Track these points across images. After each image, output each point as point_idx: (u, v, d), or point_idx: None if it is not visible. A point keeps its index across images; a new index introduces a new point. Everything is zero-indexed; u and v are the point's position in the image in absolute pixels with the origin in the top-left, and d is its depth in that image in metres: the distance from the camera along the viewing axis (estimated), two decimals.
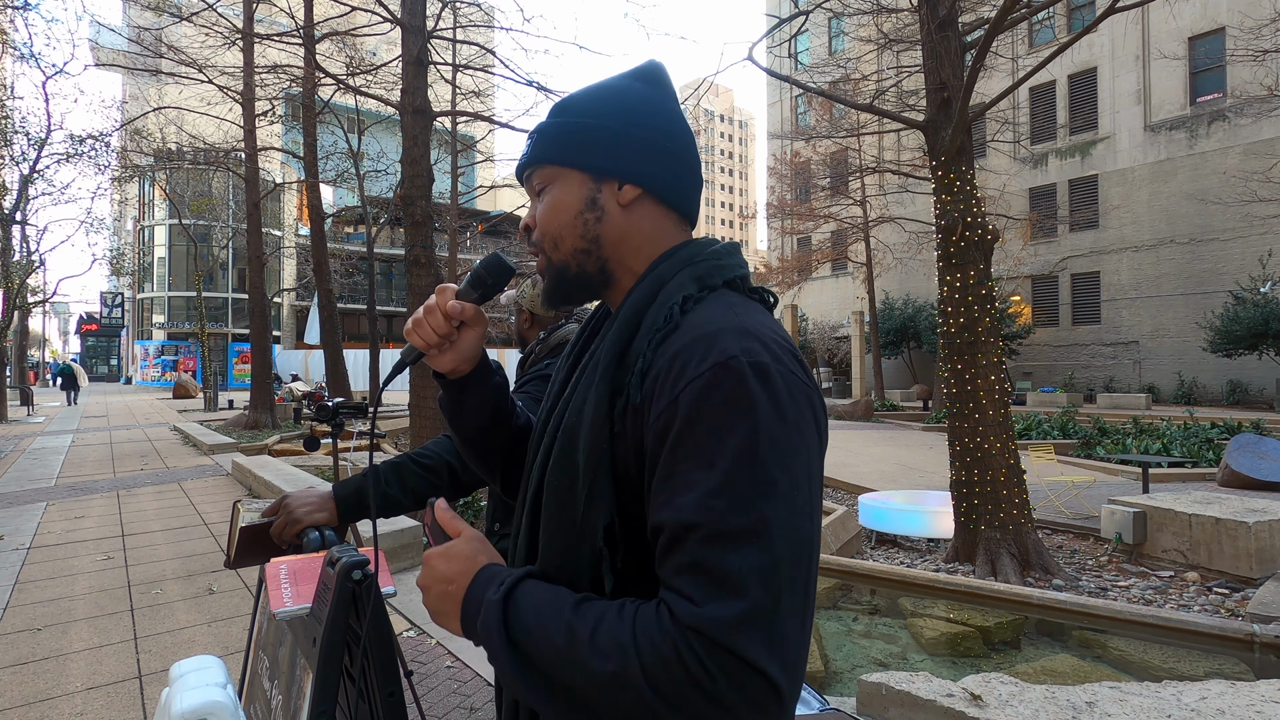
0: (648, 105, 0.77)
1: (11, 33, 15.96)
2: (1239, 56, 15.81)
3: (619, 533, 0.67)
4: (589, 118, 0.76)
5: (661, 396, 0.63)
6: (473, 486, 1.42)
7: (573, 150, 0.76)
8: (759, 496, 0.57)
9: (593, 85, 0.80)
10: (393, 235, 36.20)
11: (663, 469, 0.61)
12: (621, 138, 0.75)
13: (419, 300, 6.40)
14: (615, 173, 0.75)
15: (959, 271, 5.56)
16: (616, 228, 0.76)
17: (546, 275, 0.79)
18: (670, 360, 0.64)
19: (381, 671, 0.98)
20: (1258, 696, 2.33)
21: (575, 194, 0.76)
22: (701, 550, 0.56)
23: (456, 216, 18.72)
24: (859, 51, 18.90)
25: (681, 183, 0.77)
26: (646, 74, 0.80)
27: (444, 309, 0.79)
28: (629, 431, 0.66)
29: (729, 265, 0.74)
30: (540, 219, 0.78)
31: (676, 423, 0.61)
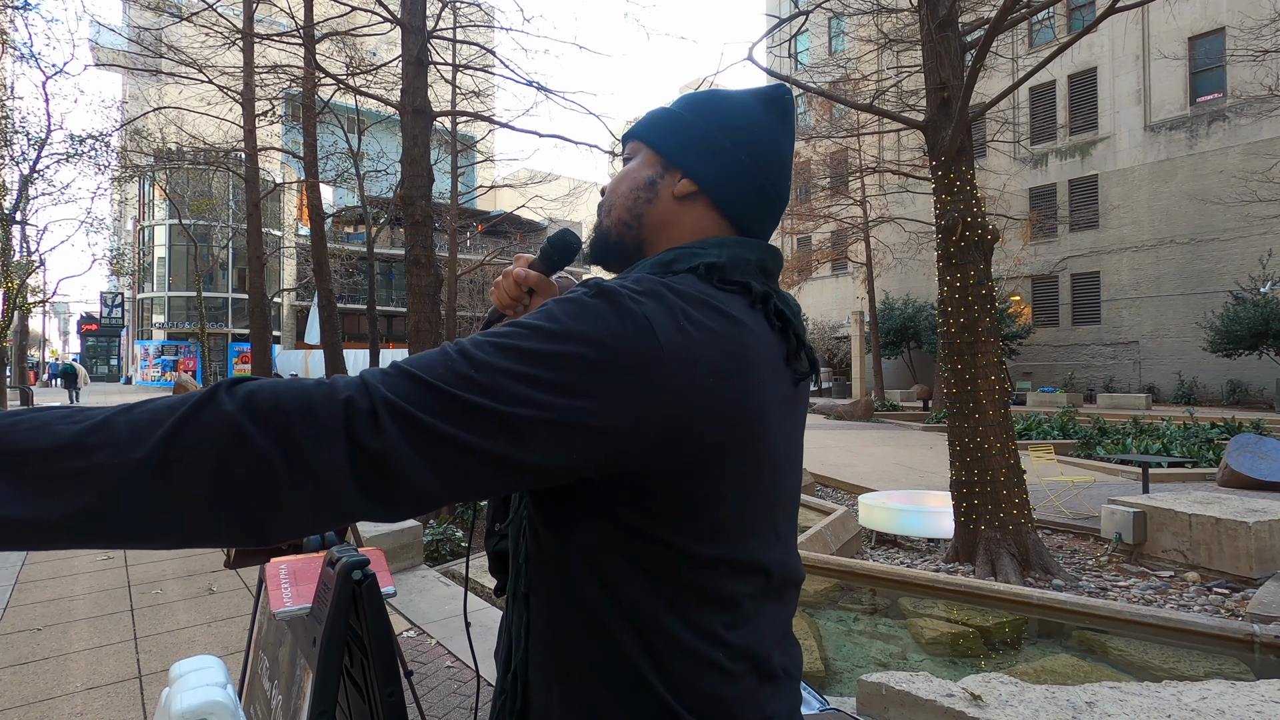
0: (747, 120, 0.80)
1: (11, 33, 15.96)
2: (1239, 56, 15.81)
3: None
4: (685, 111, 0.81)
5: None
6: None
7: (655, 132, 0.81)
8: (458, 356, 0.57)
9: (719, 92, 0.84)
10: (393, 235, 36.19)
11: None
12: (699, 135, 0.79)
13: (419, 300, 6.40)
14: (679, 163, 0.79)
15: (959, 271, 5.56)
16: (661, 213, 0.79)
17: (594, 235, 0.85)
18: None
19: (381, 671, 0.98)
20: (1258, 696, 2.33)
21: (642, 172, 0.81)
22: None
23: (456, 216, 18.71)
24: (859, 51, 18.89)
25: (744, 196, 0.78)
26: (766, 95, 0.83)
27: (514, 275, 0.85)
28: None
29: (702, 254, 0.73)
30: (611, 186, 0.84)
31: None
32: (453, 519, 5.81)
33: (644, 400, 0.59)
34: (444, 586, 4.32)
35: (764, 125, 0.80)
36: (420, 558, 4.82)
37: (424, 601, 4.06)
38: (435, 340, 6.42)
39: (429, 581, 4.42)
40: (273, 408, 0.52)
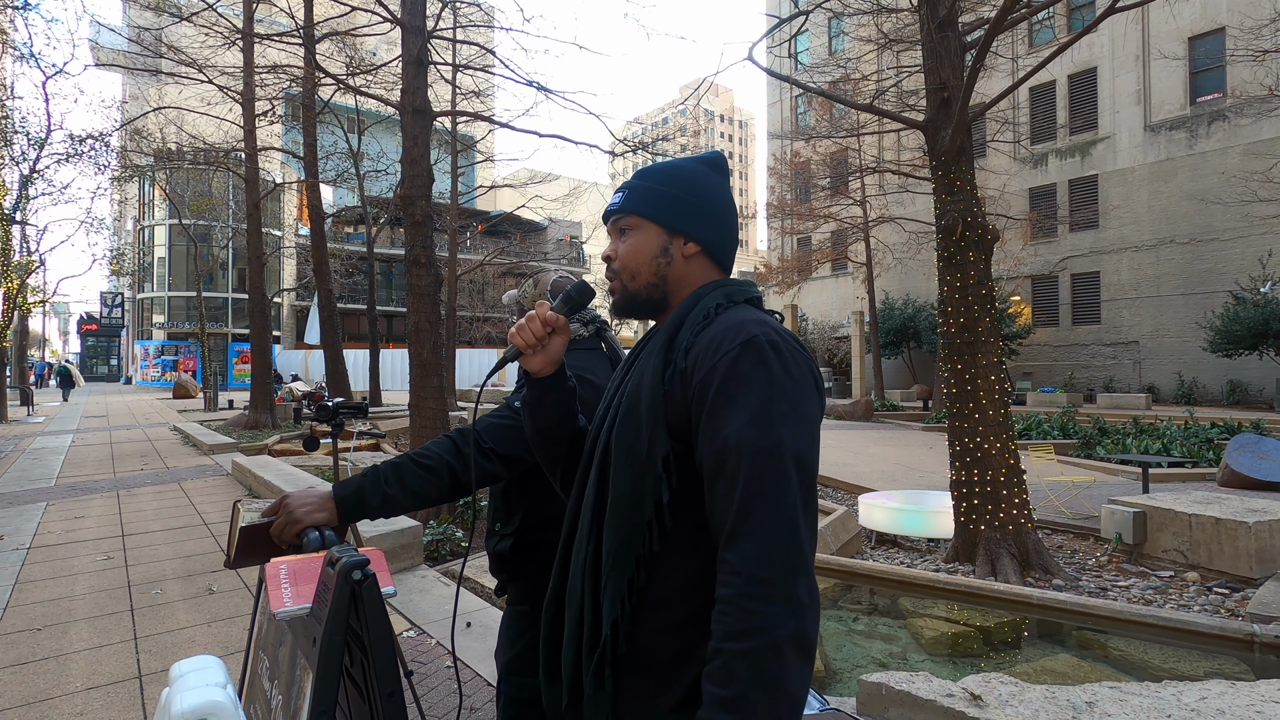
0: (711, 186, 1.06)
1: (11, 33, 15.96)
2: (1239, 56, 15.81)
3: (673, 462, 0.90)
4: (669, 187, 1.04)
5: (703, 364, 0.89)
6: (473, 487, 1.42)
7: (656, 209, 1.04)
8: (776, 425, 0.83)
9: (671, 162, 1.08)
10: (393, 235, 36.19)
11: (708, 414, 0.87)
12: (690, 207, 1.03)
13: (419, 300, 6.39)
14: (683, 232, 1.03)
15: (959, 271, 5.56)
16: (678, 271, 1.04)
17: (619, 295, 1.06)
18: (709, 340, 0.91)
19: (381, 672, 0.98)
20: (1258, 696, 2.33)
21: (653, 242, 1.04)
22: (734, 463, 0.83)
23: (456, 216, 18.71)
24: (859, 51, 18.88)
25: (726, 245, 1.06)
26: (712, 162, 1.09)
27: (543, 317, 1.05)
28: (676, 392, 0.92)
29: (748, 289, 1.02)
30: (623, 255, 1.05)
31: (716, 380, 0.87)
32: (453, 519, 5.81)
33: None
34: (444, 586, 4.32)
35: (720, 186, 1.07)
36: (420, 558, 4.82)
37: (424, 601, 4.06)
38: (435, 340, 6.42)
39: (429, 581, 4.42)
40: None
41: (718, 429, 0.84)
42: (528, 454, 1.50)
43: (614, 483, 0.94)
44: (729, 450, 0.82)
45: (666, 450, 0.90)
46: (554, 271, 1.91)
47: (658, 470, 0.89)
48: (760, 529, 0.79)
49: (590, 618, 0.94)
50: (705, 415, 0.87)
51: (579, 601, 0.95)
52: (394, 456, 1.52)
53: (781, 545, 0.78)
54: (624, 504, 0.92)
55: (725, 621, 0.78)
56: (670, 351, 0.95)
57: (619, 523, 0.91)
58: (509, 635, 1.62)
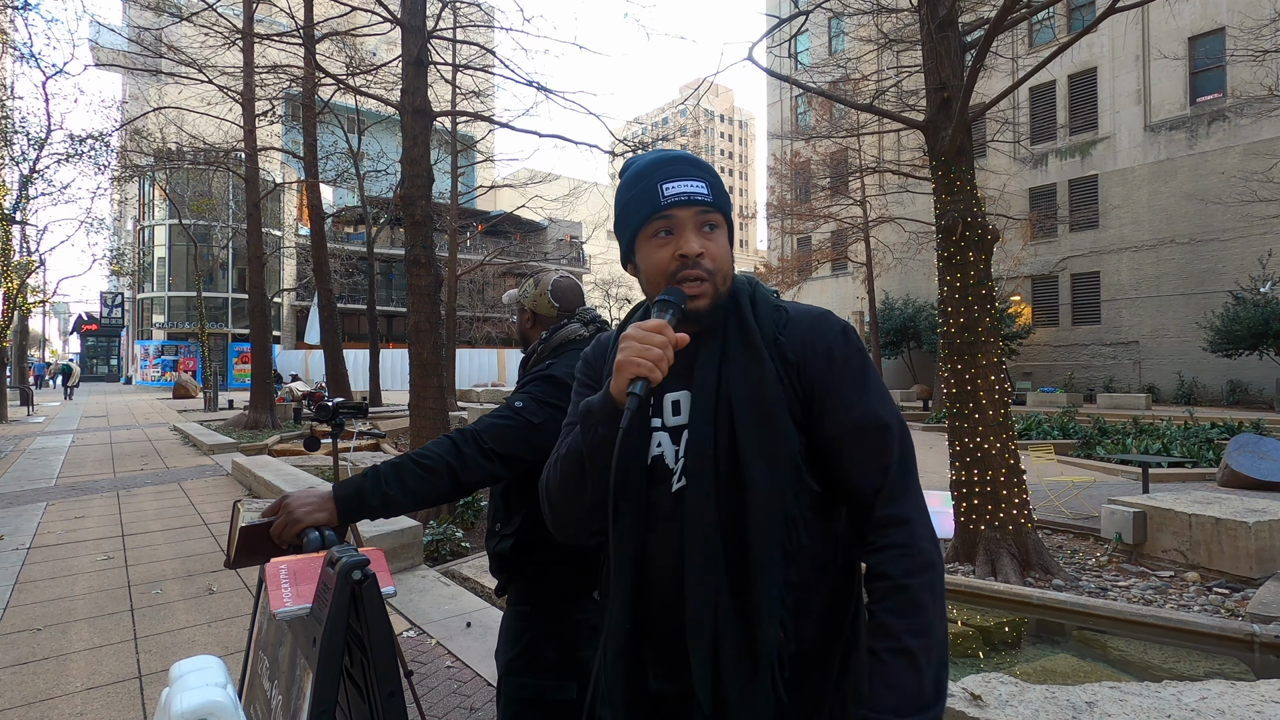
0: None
1: (11, 33, 15.95)
2: (1239, 56, 15.80)
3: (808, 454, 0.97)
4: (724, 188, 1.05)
5: (814, 351, 0.98)
6: (473, 487, 1.42)
7: (729, 210, 1.05)
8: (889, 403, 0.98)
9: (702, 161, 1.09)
10: (393, 235, 36.18)
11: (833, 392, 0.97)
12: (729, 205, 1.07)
13: (419, 300, 6.39)
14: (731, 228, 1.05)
15: (959, 271, 5.56)
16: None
17: (711, 300, 0.99)
18: (806, 329, 1.00)
19: (381, 672, 0.98)
20: (1258, 696, 2.33)
21: (728, 241, 1.04)
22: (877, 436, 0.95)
23: (456, 216, 18.70)
24: (859, 51, 18.87)
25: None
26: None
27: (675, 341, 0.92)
28: (791, 383, 0.98)
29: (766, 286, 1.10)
30: (718, 256, 1.01)
31: (836, 363, 0.98)
32: (453, 519, 5.81)
33: None
34: (444, 586, 4.32)
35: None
36: (420, 558, 4.82)
37: (424, 601, 4.06)
38: (435, 340, 6.42)
39: (429, 581, 4.42)
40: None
41: (850, 405, 0.96)
42: (528, 454, 1.50)
43: (750, 485, 0.93)
44: (874, 426, 0.95)
45: (797, 440, 0.96)
46: (554, 271, 1.91)
47: (795, 462, 0.94)
48: (915, 489, 0.95)
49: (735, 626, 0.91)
50: (830, 393, 0.97)
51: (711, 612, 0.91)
52: (394, 456, 1.52)
53: (923, 499, 0.96)
54: (765, 504, 0.92)
55: (904, 561, 0.89)
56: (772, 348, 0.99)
57: (762, 523, 0.92)
58: (509, 635, 1.62)
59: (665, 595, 0.96)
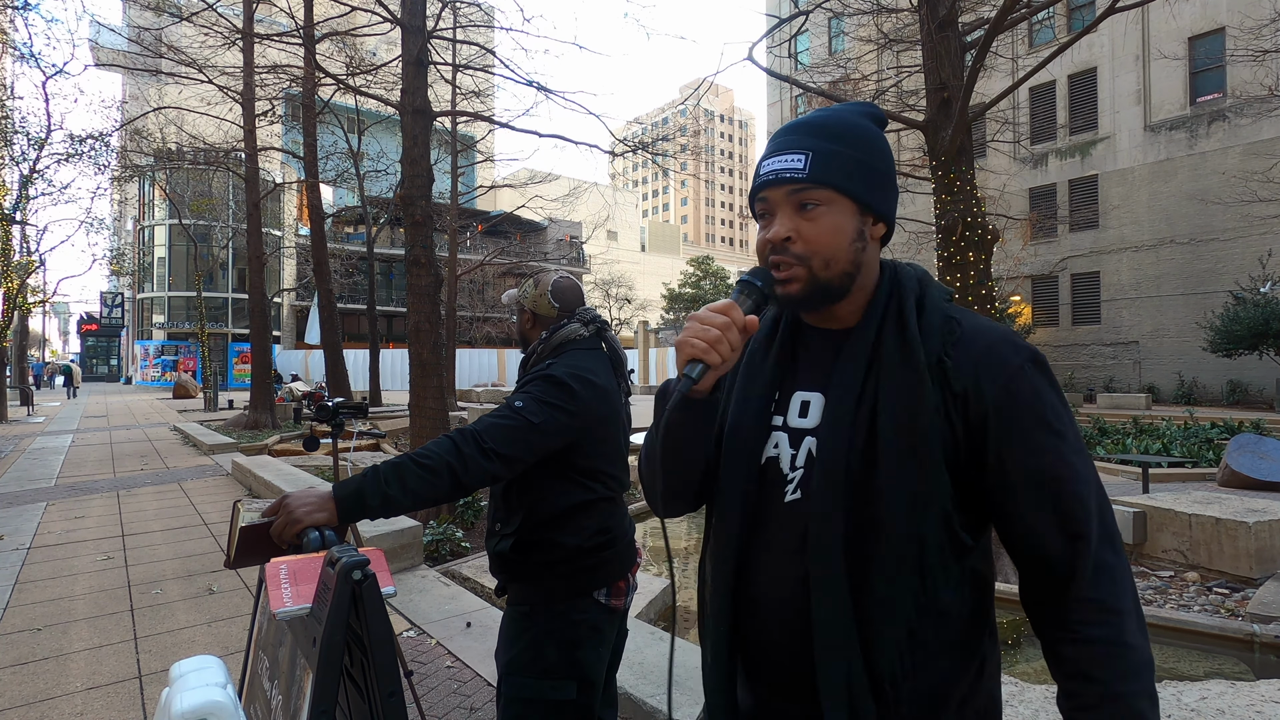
0: (886, 150, 0.89)
1: (11, 33, 15.96)
2: (1239, 56, 15.80)
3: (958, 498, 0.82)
4: (863, 154, 0.87)
5: (990, 382, 0.80)
6: (473, 487, 1.42)
7: (854, 182, 0.86)
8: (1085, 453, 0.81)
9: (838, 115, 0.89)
10: (393, 235, 36.18)
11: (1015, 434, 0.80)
12: (885, 180, 0.88)
13: (419, 300, 6.39)
14: (877, 210, 0.88)
15: (959, 271, 5.56)
16: (870, 256, 0.89)
17: (807, 285, 0.86)
18: (982, 353, 0.82)
19: (381, 672, 0.98)
20: (1258, 696, 2.33)
21: (851, 223, 0.86)
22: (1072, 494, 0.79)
23: (456, 216, 18.70)
24: (859, 51, 18.86)
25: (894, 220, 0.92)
26: (876, 116, 0.91)
27: (745, 323, 0.83)
28: (950, 414, 0.81)
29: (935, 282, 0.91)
30: (814, 238, 0.85)
31: (1019, 401, 0.80)
32: (453, 519, 5.81)
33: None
34: (444, 586, 4.32)
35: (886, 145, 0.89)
36: (420, 558, 4.82)
37: (424, 601, 4.05)
38: (435, 340, 6.42)
39: (429, 581, 4.41)
40: None
41: (1037, 450, 0.79)
42: (528, 454, 1.49)
43: (886, 522, 0.81)
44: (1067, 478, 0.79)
45: (950, 486, 0.81)
46: (554, 271, 1.91)
47: (945, 509, 0.81)
48: (1120, 562, 0.78)
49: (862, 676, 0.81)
50: (1008, 434, 0.80)
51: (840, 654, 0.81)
52: (394, 456, 1.52)
53: (1132, 579, 0.79)
54: (899, 547, 0.80)
55: (1118, 664, 0.75)
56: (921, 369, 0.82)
57: (892, 569, 0.80)
58: (509, 635, 1.62)
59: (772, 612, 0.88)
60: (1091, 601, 0.77)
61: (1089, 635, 0.76)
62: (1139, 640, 0.76)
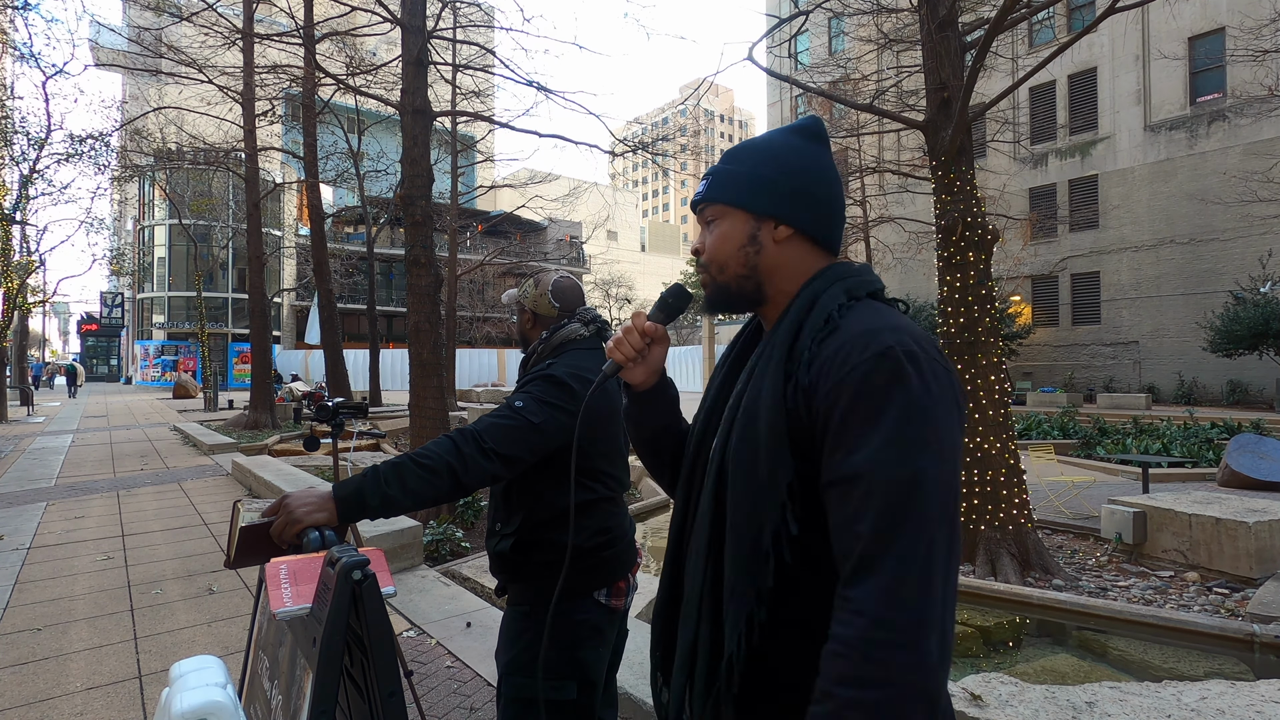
0: (802, 158, 0.95)
1: (11, 33, 15.96)
2: (1239, 56, 15.80)
3: (798, 489, 0.82)
4: (754, 167, 0.95)
5: (830, 379, 0.80)
6: (473, 487, 1.42)
7: (740, 193, 0.95)
8: (914, 452, 0.73)
9: (760, 138, 0.99)
10: (393, 235, 36.18)
11: (834, 435, 0.78)
12: (779, 186, 0.93)
13: (419, 300, 6.39)
14: (773, 214, 0.93)
15: (959, 271, 5.56)
16: (771, 259, 0.94)
17: (711, 290, 0.98)
18: (836, 350, 0.81)
19: (381, 672, 0.98)
20: (1258, 696, 2.33)
21: (740, 230, 0.95)
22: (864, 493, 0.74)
23: (456, 216, 18.71)
24: (859, 51, 18.87)
25: (824, 222, 0.95)
26: (805, 130, 0.98)
27: (640, 328, 1.01)
28: (800, 409, 0.83)
29: (870, 280, 0.92)
30: (710, 247, 0.97)
31: (846, 398, 0.77)
32: (453, 519, 5.81)
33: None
34: (444, 586, 4.32)
35: (816, 156, 0.96)
36: (420, 558, 4.82)
37: (424, 601, 4.06)
38: (435, 340, 6.42)
39: (429, 581, 4.42)
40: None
41: (847, 453, 0.76)
42: (528, 454, 1.50)
43: (731, 506, 0.86)
44: (860, 477, 0.74)
45: (791, 476, 0.82)
46: (554, 271, 1.91)
47: (781, 497, 0.82)
48: (893, 567, 0.70)
49: (708, 645, 0.87)
50: (832, 437, 0.78)
51: (694, 626, 0.89)
52: (394, 456, 1.52)
53: (915, 589, 0.69)
54: (743, 531, 0.84)
55: (841, 665, 0.70)
56: (790, 363, 0.86)
57: (737, 552, 0.84)
58: (509, 635, 1.62)
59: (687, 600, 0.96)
60: (848, 599, 0.73)
61: (835, 632, 0.73)
62: (880, 652, 0.68)
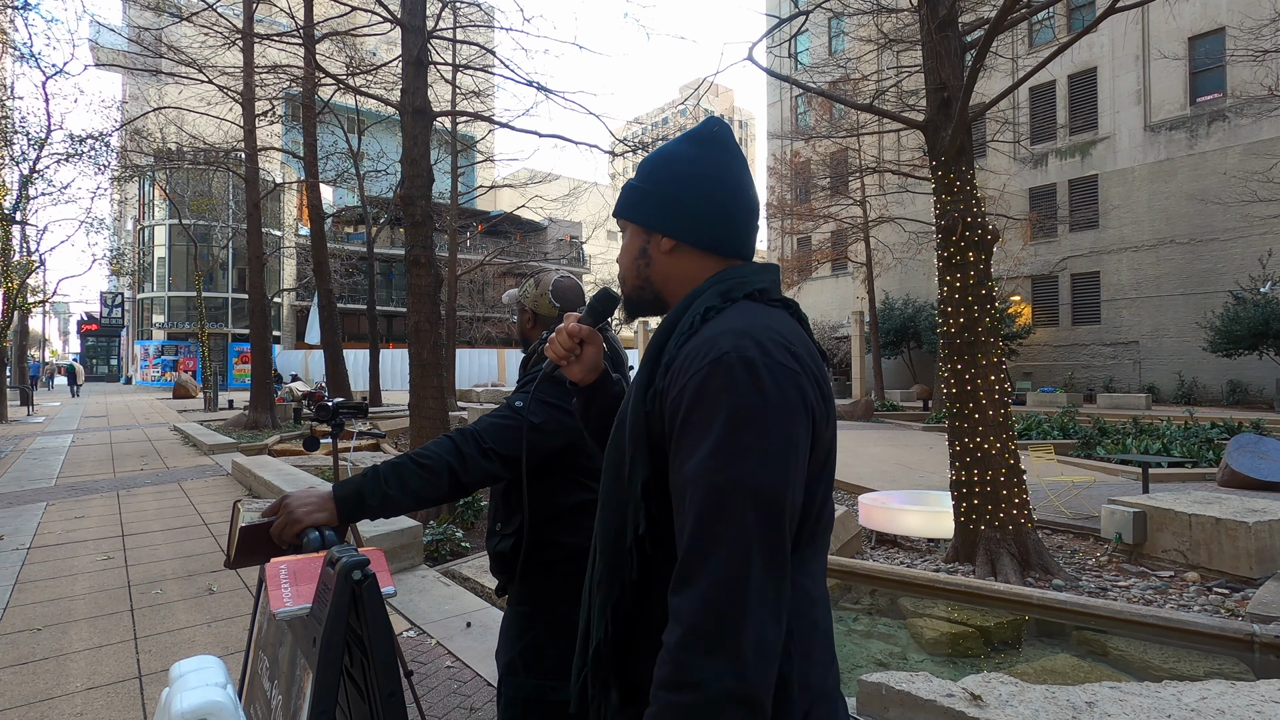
0: (689, 167, 0.95)
1: (11, 33, 15.95)
2: (1239, 56, 15.81)
3: (653, 489, 0.84)
4: (644, 182, 0.98)
5: (675, 384, 0.82)
6: (473, 487, 1.42)
7: (631, 208, 0.99)
8: (736, 460, 0.73)
9: (661, 148, 1.00)
10: (393, 235, 36.18)
11: (674, 443, 0.80)
12: (661, 199, 0.95)
13: (419, 300, 6.39)
14: (657, 228, 0.96)
15: (959, 271, 5.56)
16: (661, 270, 0.97)
17: (624, 299, 1.05)
18: (686, 356, 0.82)
19: (381, 672, 0.98)
20: (1258, 696, 2.33)
21: (635, 243, 1.00)
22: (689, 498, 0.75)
23: (456, 216, 18.71)
24: (859, 51, 18.90)
25: (707, 231, 0.94)
26: (696, 137, 0.98)
27: (569, 329, 1.10)
28: (656, 413, 0.85)
29: (750, 281, 0.91)
30: (619, 260, 1.03)
31: (684, 405, 0.79)
32: (453, 519, 5.81)
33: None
34: (444, 586, 4.32)
35: (700, 163, 0.95)
36: (420, 558, 4.83)
37: (424, 601, 4.06)
38: (435, 340, 6.42)
39: (429, 581, 4.42)
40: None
41: (682, 460, 0.77)
42: (528, 454, 1.50)
43: (601, 504, 0.91)
44: (687, 484, 0.75)
45: (647, 475, 0.84)
46: (554, 271, 1.91)
47: (637, 497, 0.84)
48: (707, 574, 0.71)
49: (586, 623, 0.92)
50: (674, 442, 0.80)
51: (585, 615, 0.94)
52: (394, 456, 1.52)
53: (725, 594, 0.70)
54: (610, 527, 0.88)
55: (663, 670, 0.72)
56: (656, 367, 0.88)
57: (604, 546, 0.88)
58: (509, 635, 1.62)
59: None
60: (671, 606, 0.73)
61: (664, 637, 0.73)
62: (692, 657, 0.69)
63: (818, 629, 0.84)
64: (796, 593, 0.80)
